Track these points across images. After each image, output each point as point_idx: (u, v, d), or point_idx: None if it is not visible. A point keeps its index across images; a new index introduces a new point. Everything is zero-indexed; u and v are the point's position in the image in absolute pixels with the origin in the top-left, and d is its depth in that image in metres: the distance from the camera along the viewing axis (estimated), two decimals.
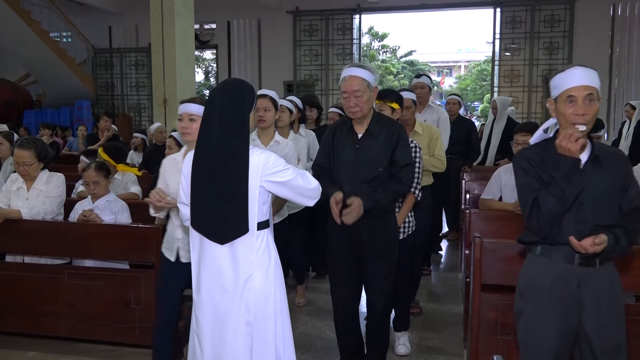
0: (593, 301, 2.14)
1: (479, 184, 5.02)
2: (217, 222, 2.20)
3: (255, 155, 2.23)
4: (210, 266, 2.26)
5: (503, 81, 11.87)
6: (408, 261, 3.43)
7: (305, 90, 12.29)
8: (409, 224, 3.34)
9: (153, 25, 7.73)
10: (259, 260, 2.25)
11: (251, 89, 2.30)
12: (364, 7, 12.20)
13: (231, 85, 2.30)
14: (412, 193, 3.22)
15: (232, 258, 2.23)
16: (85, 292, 3.46)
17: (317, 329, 3.91)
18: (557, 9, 11.27)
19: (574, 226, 2.12)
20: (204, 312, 2.28)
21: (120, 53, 13.81)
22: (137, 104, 13.74)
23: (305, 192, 2.33)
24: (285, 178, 2.26)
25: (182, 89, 7.79)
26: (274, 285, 2.28)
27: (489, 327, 3.01)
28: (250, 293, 2.22)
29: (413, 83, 5.03)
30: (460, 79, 36.59)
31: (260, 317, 2.24)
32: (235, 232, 2.20)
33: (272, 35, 12.71)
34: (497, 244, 3.03)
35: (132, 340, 3.43)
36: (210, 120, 2.23)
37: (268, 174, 2.23)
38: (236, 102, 2.23)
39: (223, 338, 2.24)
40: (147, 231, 3.38)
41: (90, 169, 3.66)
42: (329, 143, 2.96)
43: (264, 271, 2.26)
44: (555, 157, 2.11)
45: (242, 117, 2.23)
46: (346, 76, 2.81)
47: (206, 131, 2.23)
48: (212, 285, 2.26)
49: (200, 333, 2.31)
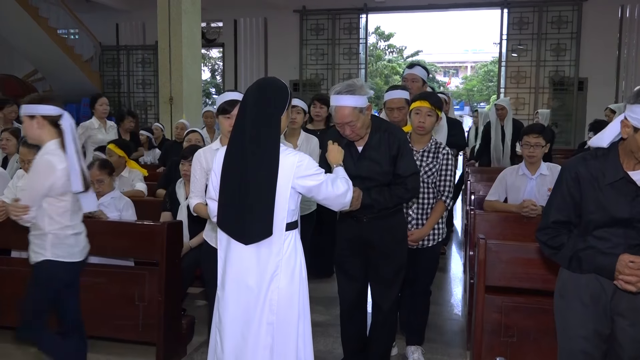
0: (629, 309, 2.08)
1: (484, 185, 5.01)
2: (241, 223, 2.20)
3: (290, 155, 2.23)
4: (237, 264, 2.26)
5: (509, 82, 11.84)
6: (434, 268, 3.42)
7: (312, 89, 12.29)
8: (439, 231, 3.30)
9: (160, 23, 7.76)
10: (286, 261, 2.25)
11: (286, 89, 2.28)
12: (370, 6, 12.18)
13: (266, 84, 2.28)
14: (443, 202, 3.21)
15: (258, 258, 2.23)
16: (89, 288, 3.45)
17: (318, 325, 3.91)
18: (565, 10, 11.22)
19: (623, 241, 2.05)
20: (227, 309, 2.28)
21: (127, 50, 13.84)
22: (144, 101, 13.77)
23: (334, 198, 2.32)
24: (316, 182, 2.25)
25: (188, 87, 7.81)
26: (299, 286, 2.28)
27: (492, 329, 3.01)
28: (275, 294, 2.23)
29: (404, 75, 4.19)
30: (467, 80, 36.53)
31: (283, 317, 2.25)
32: (259, 235, 2.20)
33: (279, 34, 12.71)
34: (501, 245, 3.03)
35: (136, 337, 3.44)
36: (243, 118, 2.22)
37: (301, 176, 2.23)
38: (269, 102, 2.22)
39: (245, 336, 2.24)
40: (152, 228, 3.39)
41: (94, 168, 3.67)
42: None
43: (290, 272, 2.26)
44: (609, 187, 2.03)
45: (275, 117, 2.21)
46: (335, 106, 2.72)
47: (239, 130, 2.22)
48: (237, 283, 2.26)
49: (222, 329, 2.30)
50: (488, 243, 3.01)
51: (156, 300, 3.33)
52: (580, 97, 11.31)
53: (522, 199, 3.65)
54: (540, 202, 3.60)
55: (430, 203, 3.24)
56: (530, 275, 2.96)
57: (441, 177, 3.21)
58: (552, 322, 2.89)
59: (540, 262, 2.92)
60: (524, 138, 3.71)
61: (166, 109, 7.79)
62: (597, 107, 10.47)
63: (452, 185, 3.23)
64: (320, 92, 12.33)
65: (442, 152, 3.22)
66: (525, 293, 3.02)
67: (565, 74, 11.37)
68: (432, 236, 3.27)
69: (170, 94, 7.75)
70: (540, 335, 2.94)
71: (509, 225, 3.64)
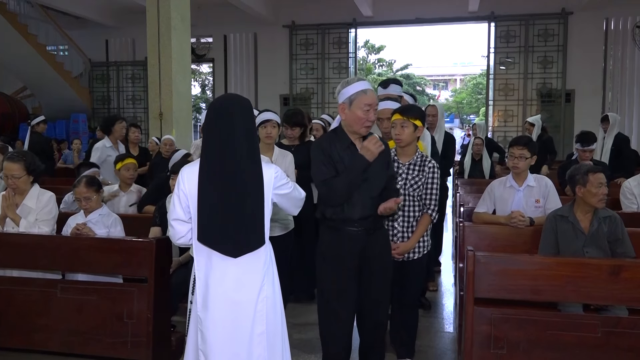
0: None
1: (474, 197, 5.03)
2: (233, 235, 2.20)
3: (267, 169, 2.30)
4: (221, 281, 2.24)
5: (498, 95, 11.94)
6: (421, 281, 3.42)
7: (302, 104, 12.34)
8: (424, 243, 3.30)
9: (149, 39, 7.77)
10: (267, 271, 2.29)
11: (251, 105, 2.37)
12: (359, 21, 12.28)
13: (242, 99, 2.32)
14: (429, 215, 3.23)
15: (244, 271, 2.24)
16: (78, 306, 3.43)
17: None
18: (551, 23, 11.37)
19: None
20: (214, 328, 2.24)
21: (117, 66, 13.85)
22: (134, 117, 13.75)
23: (298, 202, 2.51)
24: (288, 190, 2.40)
25: (178, 102, 7.81)
26: (279, 294, 2.36)
27: (482, 341, 3.00)
28: (263, 304, 2.26)
29: (378, 94, 3.99)
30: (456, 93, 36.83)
31: (273, 327, 2.30)
32: (253, 245, 2.23)
33: (269, 49, 12.78)
34: (490, 257, 3.03)
35: (125, 355, 3.39)
36: (228, 137, 2.19)
37: (278, 186, 2.33)
38: (251, 119, 2.29)
39: (237, 352, 2.23)
40: (140, 245, 3.37)
41: (81, 185, 3.64)
42: (329, 157, 2.77)
43: (271, 281, 2.31)
44: None
45: (255, 131, 2.33)
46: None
47: (224, 147, 2.20)
48: (223, 301, 2.24)
49: (207, 350, 2.25)
50: (477, 255, 3.01)
51: (145, 317, 3.30)
52: (568, 109, 11.43)
53: (510, 210, 3.67)
54: (528, 213, 3.63)
55: (416, 216, 3.25)
56: (520, 287, 2.96)
57: (427, 190, 3.22)
58: (542, 333, 2.91)
59: (529, 273, 2.93)
60: (509, 149, 3.75)
61: (156, 124, 7.77)
62: (585, 118, 10.60)
63: (437, 199, 3.24)
64: (310, 106, 12.39)
65: (427, 165, 3.24)
66: (515, 304, 3.03)
67: (553, 85, 11.49)
68: (418, 249, 3.27)
69: (160, 109, 7.73)
70: (530, 347, 2.94)
71: (498, 236, 3.65)
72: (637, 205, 4.30)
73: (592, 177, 3.22)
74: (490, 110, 12.11)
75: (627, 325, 2.88)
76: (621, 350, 2.86)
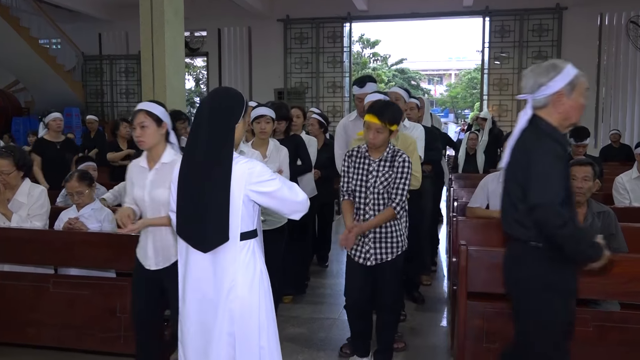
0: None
1: (467, 191, 5.04)
2: (199, 229, 2.19)
3: (241, 164, 2.21)
4: (195, 275, 2.25)
5: (492, 89, 11.96)
6: (397, 282, 3.29)
7: (297, 98, 12.31)
8: (397, 244, 3.21)
9: (143, 32, 7.70)
10: (244, 271, 2.22)
11: (240, 98, 2.28)
12: (354, 15, 12.26)
13: (219, 94, 2.30)
14: (393, 208, 3.11)
15: (215, 267, 2.22)
16: (70, 301, 3.42)
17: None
18: (546, 18, 11.38)
19: None
20: (189, 322, 2.28)
21: (110, 60, 13.78)
22: (127, 111, 13.67)
23: (292, 204, 2.27)
24: (270, 188, 2.21)
25: (171, 96, 7.75)
26: (258, 296, 2.24)
27: (475, 335, 3.02)
28: (234, 304, 2.19)
29: (355, 94, 4.21)
30: (451, 87, 36.87)
31: (245, 328, 2.21)
32: (216, 240, 2.17)
33: (263, 42, 12.74)
34: (483, 251, 3.05)
35: (118, 349, 3.39)
36: (198, 127, 2.22)
37: (253, 182, 2.19)
38: (223, 112, 2.22)
39: (206, 349, 2.23)
40: (133, 239, 3.35)
41: (73, 180, 3.62)
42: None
43: (249, 282, 2.22)
44: None
45: (228, 127, 2.22)
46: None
47: (193, 140, 2.23)
48: (196, 294, 2.25)
49: (184, 343, 2.30)
50: (469, 249, 3.02)
51: None
52: None
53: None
54: None
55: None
56: None
57: (395, 183, 3.11)
58: None
59: None
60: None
61: None
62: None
63: (404, 194, 3.12)
64: (304, 100, 12.35)
65: (398, 159, 3.13)
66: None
67: None
68: (391, 249, 3.18)
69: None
70: None
71: (491, 231, 3.65)
72: (629, 200, 4.32)
73: (575, 170, 3.19)
74: (484, 105, 12.12)
75: (619, 319, 2.90)
76: (612, 344, 2.88)
